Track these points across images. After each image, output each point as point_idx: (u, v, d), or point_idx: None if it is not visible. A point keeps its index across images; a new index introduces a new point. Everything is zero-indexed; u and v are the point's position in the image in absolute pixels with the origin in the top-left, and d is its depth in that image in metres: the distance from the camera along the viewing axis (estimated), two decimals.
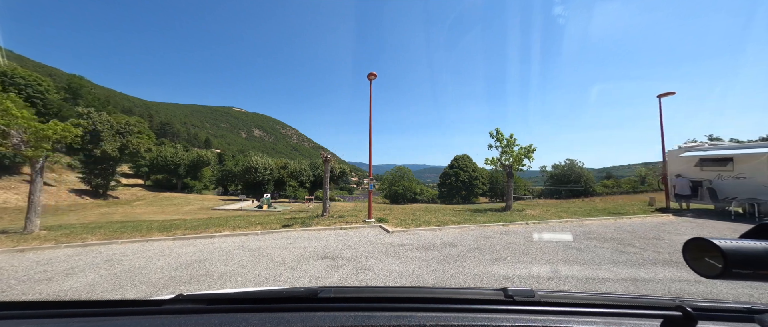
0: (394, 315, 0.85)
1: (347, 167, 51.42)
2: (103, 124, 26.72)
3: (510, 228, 9.10)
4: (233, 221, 10.18)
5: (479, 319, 0.81)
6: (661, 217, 10.91)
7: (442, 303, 0.95)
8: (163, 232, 8.32)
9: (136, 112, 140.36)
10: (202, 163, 47.51)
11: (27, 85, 36.34)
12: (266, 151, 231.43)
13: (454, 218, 10.96)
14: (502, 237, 7.58)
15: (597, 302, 0.93)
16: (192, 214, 19.96)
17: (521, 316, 0.85)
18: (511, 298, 0.93)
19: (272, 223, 9.68)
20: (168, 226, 9.57)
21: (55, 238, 7.71)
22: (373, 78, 10.76)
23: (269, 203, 26.94)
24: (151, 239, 7.46)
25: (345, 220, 10.42)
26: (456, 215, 12.01)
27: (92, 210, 19.48)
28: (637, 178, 44.74)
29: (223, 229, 8.46)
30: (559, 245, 6.68)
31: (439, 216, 11.61)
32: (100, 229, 8.89)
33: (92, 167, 26.56)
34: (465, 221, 10.11)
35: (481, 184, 44.89)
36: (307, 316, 0.84)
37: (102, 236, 7.74)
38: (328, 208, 11.97)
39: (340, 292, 1.01)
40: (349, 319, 0.83)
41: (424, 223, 9.49)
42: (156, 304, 0.92)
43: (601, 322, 0.80)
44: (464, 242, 6.96)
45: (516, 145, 15.20)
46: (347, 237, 7.69)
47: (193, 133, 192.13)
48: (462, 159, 46.45)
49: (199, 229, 8.72)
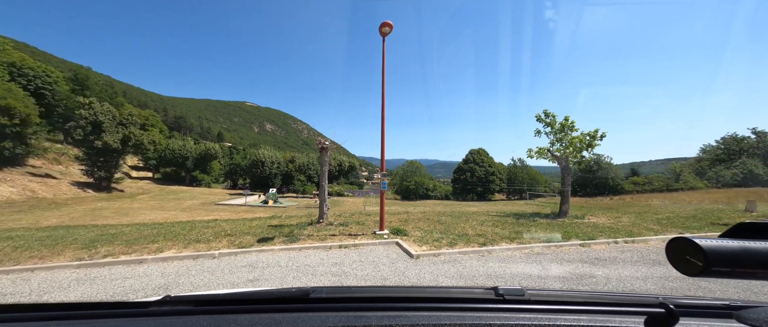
0: (386, 315, 0.85)
1: (357, 162, 49.72)
2: (104, 115, 25.82)
3: (597, 250, 6.31)
4: (196, 231, 7.84)
5: (470, 318, 0.82)
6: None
7: (434, 302, 0.95)
8: (83, 249, 6.02)
9: (152, 106, 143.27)
10: (210, 157, 46.84)
11: (36, 77, 36.19)
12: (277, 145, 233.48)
13: (498, 229, 8.17)
14: (603, 269, 4.98)
15: (584, 300, 0.97)
16: (193, 210, 18.68)
17: (511, 314, 0.85)
18: (501, 296, 0.94)
19: (246, 234, 7.28)
20: (99, 238, 7.04)
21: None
22: (387, 32, 7.81)
23: (275, 198, 25.57)
24: (41, 267, 5.11)
25: (348, 232, 7.65)
26: (497, 223, 9.36)
27: (87, 204, 18.46)
28: (669, 175, 41.11)
29: (169, 247, 6.14)
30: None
31: (474, 224, 9.01)
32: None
33: (95, 159, 25.79)
34: (516, 235, 7.44)
35: (498, 179, 42.28)
36: (298, 316, 0.83)
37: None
38: (325, 212, 8.99)
39: (331, 292, 1.00)
40: (340, 319, 0.82)
41: (460, 239, 6.87)
42: (142, 306, 0.91)
43: (587, 319, 0.82)
44: (544, 282, 4.49)
45: (574, 130, 11.97)
46: (347, 266, 5.21)
47: (207, 127, 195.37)
48: (478, 153, 43.90)
49: (139, 243, 6.44)
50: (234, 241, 6.66)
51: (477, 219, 10.66)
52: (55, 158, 31.35)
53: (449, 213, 13.14)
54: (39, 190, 20.31)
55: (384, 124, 7.90)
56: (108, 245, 6.32)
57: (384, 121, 7.91)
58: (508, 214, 12.76)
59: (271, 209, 20.70)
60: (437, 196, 42.17)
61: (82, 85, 44.55)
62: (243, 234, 7.40)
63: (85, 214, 14.03)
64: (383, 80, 7.93)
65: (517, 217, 11.45)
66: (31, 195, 19.03)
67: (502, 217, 11.30)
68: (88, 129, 25.11)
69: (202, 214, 16.29)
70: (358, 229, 8.20)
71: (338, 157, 44.34)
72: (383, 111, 7.94)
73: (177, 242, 6.60)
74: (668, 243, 0.65)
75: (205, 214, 16.25)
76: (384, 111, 7.94)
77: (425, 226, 8.75)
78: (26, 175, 23.25)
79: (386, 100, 8.01)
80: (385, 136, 7.94)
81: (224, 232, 7.61)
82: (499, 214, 12.70)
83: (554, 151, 12.37)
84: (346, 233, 7.55)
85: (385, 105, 7.94)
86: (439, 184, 46.68)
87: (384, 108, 7.92)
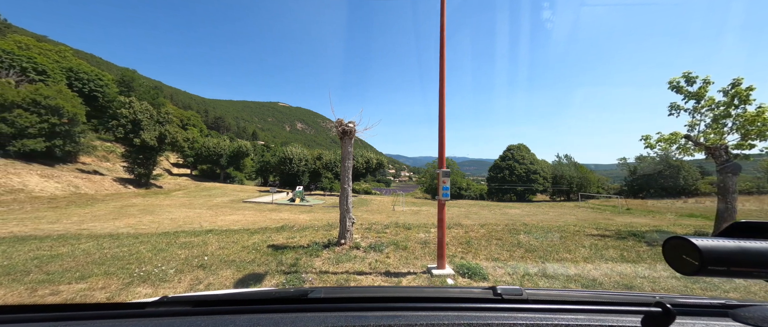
0: (385, 315, 0.84)
1: (385, 159, 48.09)
2: (142, 113, 26.71)
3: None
4: (163, 254, 5.70)
5: (469, 318, 0.81)
6: None
7: (433, 302, 0.95)
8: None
9: (195, 107, 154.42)
10: (242, 154, 48.00)
11: (89, 81, 39.19)
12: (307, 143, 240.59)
13: (638, 267, 5.13)
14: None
15: (582, 299, 0.96)
16: (219, 207, 18.25)
17: (510, 314, 0.85)
18: (499, 296, 0.94)
19: (227, 265, 4.99)
20: (25, 264, 5.15)
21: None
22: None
23: (302, 196, 24.81)
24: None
25: (384, 265, 5.04)
26: (614, 247, 6.46)
27: (121, 201, 18.76)
28: (761, 174, 34.08)
29: (93, 289, 4.11)
30: None
31: (579, 249, 6.21)
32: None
33: (135, 156, 26.81)
34: (672, 274, 4.68)
35: (541, 178, 38.10)
36: (297, 316, 0.83)
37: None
38: (349, 228, 6.09)
39: (330, 292, 0.99)
40: (339, 319, 0.81)
41: (575, 282, 4.44)
42: (138, 307, 0.90)
43: (585, 319, 0.83)
44: None
45: (749, 102, 7.51)
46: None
47: (242, 127, 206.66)
48: (518, 149, 39.98)
49: (58, 282, 4.39)
50: (201, 280, 4.54)
51: (572, 239, 7.20)
52: (105, 156, 33.50)
53: (512, 224, 9.88)
54: (82, 186, 21.19)
55: (443, 102, 5.18)
56: (11, 283, 4.32)
57: (443, 98, 5.18)
58: (610, 231, 8.62)
59: (297, 208, 19.79)
60: (471, 196, 39.20)
61: (128, 87, 47.79)
62: (224, 264, 4.97)
63: (111, 212, 13.79)
64: (443, 40, 5.30)
65: (637, 238, 7.61)
66: (74, 191, 19.81)
67: (615, 239, 7.41)
68: (129, 127, 26.10)
69: (227, 213, 15.62)
70: (401, 259, 5.35)
71: (365, 153, 42.97)
72: (442, 83, 5.31)
73: (112, 280, 4.48)
74: (665, 242, 0.66)
75: (230, 213, 15.56)
76: (443, 85, 5.00)
77: (502, 252, 5.96)
78: (75, 172, 24.62)
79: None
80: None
81: (198, 261, 5.27)
82: (597, 229, 8.74)
83: (699, 138, 8.03)
84: (382, 271, 4.77)
85: (444, 87, 5.06)
86: (472, 183, 43.52)
87: (443, 81, 5.20)
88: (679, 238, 0.63)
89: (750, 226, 0.64)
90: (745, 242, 0.60)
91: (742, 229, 0.65)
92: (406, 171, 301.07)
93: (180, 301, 0.92)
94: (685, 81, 8.32)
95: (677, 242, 0.63)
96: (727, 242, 0.60)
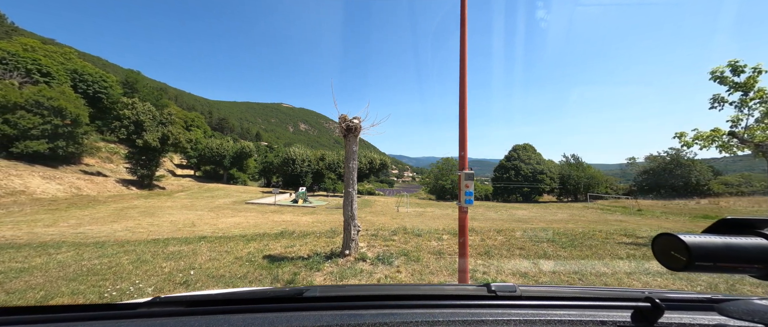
0: (380, 313, 0.84)
1: (388, 159, 47.64)
2: (145, 114, 26.59)
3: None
4: (146, 267, 5.05)
5: (463, 314, 0.82)
6: None
7: (427, 299, 0.95)
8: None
9: (199, 108, 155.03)
10: (245, 155, 47.90)
11: (94, 82, 39.30)
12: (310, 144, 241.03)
13: (687, 282, 4.28)
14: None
15: (573, 295, 0.98)
16: (221, 209, 17.96)
17: (504, 310, 0.86)
18: (494, 292, 0.94)
19: (215, 282, 4.33)
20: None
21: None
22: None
23: (305, 197, 24.50)
24: None
25: (393, 282, 4.43)
26: (650, 255, 5.53)
27: (123, 202, 18.56)
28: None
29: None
30: None
31: (609, 258, 5.51)
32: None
33: (137, 158, 26.70)
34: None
35: (548, 179, 37.40)
36: (292, 315, 0.82)
37: None
38: (354, 237, 5.49)
39: (325, 291, 0.99)
40: (334, 318, 0.81)
41: None
42: (131, 308, 0.89)
43: (576, 314, 0.84)
44: None
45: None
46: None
47: (246, 128, 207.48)
48: (524, 149, 39.33)
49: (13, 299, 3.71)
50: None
51: (603, 248, 6.42)
52: (108, 157, 33.49)
53: (531, 229, 8.85)
54: (85, 187, 21.06)
55: (465, 101, 4.60)
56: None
57: (465, 96, 4.67)
58: (641, 238, 7.60)
59: (300, 209, 19.44)
60: (477, 196, 38.63)
61: (132, 88, 47.93)
62: (211, 280, 4.43)
63: (111, 214, 13.54)
64: (463, 42, 4.55)
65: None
66: (76, 192, 19.67)
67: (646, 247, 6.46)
68: (131, 128, 26.00)
69: (229, 215, 15.32)
70: (414, 273, 4.74)
71: (368, 154, 42.59)
72: (463, 81, 4.76)
73: (78, 301, 3.80)
74: (654, 239, 0.67)
75: (232, 215, 15.26)
76: (464, 83, 3.52)
77: (528, 264, 5.25)
78: (78, 173, 24.54)
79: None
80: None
81: (182, 276, 4.56)
82: (627, 236, 7.66)
83: (745, 134, 7.27)
84: None
85: (465, 86, 3.62)
86: (477, 184, 42.92)
87: (464, 79, 4.44)
88: (668, 235, 0.64)
89: (736, 223, 0.66)
90: (731, 238, 0.62)
91: (729, 225, 0.66)
92: (409, 171, 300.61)
93: (174, 301, 0.92)
94: (731, 70, 7.43)
95: (666, 239, 0.64)
96: (714, 239, 0.62)
